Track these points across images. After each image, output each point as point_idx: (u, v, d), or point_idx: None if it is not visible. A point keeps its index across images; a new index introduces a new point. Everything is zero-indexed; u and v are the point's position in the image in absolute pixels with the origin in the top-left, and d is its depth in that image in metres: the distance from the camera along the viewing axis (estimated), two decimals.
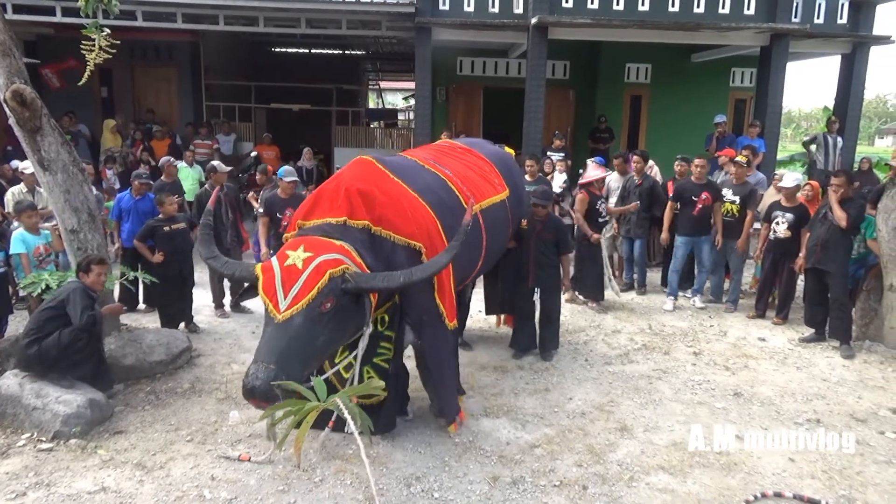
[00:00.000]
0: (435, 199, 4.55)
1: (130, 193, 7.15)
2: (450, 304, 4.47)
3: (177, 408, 4.91)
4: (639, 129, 13.88)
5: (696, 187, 7.49)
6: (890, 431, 4.72)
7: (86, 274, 4.82)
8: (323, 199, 4.24)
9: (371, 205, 4.17)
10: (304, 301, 3.56)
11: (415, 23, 10.67)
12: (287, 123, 15.78)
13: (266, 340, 3.59)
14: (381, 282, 3.82)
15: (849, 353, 6.18)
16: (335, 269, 3.67)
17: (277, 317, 3.56)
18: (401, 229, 4.21)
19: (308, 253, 3.70)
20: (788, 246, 6.84)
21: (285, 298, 3.57)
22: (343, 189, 4.18)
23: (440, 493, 3.84)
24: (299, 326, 3.57)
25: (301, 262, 3.65)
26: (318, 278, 3.60)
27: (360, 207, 4.14)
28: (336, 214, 4.10)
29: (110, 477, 3.94)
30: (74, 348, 4.59)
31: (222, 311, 7.16)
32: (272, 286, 3.62)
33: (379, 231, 4.17)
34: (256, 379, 3.36)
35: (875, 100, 52.86)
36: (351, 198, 4.15)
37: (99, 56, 4.96)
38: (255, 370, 3.41)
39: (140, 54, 13.45)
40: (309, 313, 3.58)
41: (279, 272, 3.65)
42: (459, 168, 5.21)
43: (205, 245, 4.19)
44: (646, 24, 10.48)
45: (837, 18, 11.50)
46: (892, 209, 6.11)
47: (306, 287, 3.58)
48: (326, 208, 4.17)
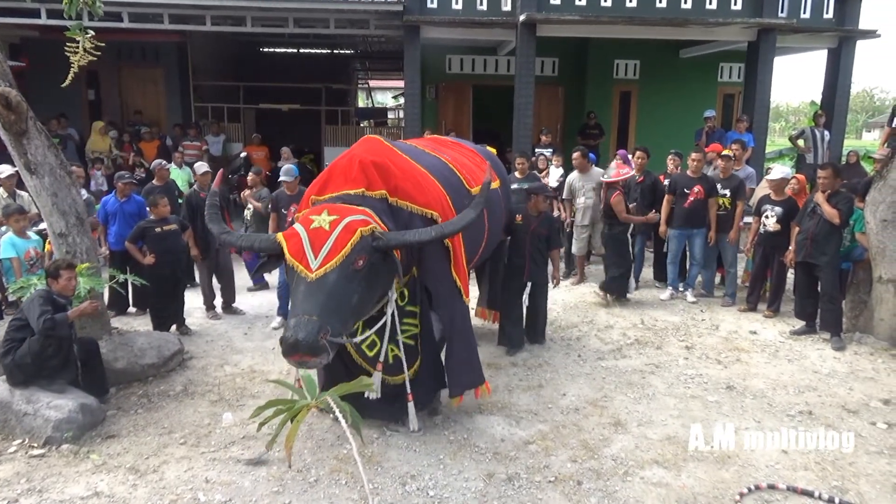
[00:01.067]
0: (441, 177, 4.69)
1: (115, 196, 7.09)
2: (464, 280, 4.57)
3: (169, 411, 4.89)
4: (628, 125, 13.92)
5: (689, 180, 7.54)
6: (881, 422, 4.76)
7: (55, 280, 4.70)
8: (337, 174, 4.26)
9: (387, 176, 4.23)
10: (338, 258, 3.60)
11: (403, 21, 10.65)
12: (276, 123, 15.71)
13: (302, 297, 3.57)
14: (412, 237, 3.90)
15: (839, 345, 6.23)
16: (365, 228, 3.73)
17: (310, 276, 3.58)
18: (416, 199, 4.29)
19: (334, 216, 3.75)
20: (778, 239, 6.88)
21: (316, 258, 3.60)
22: (357, 162, 4.22)
23: (435, 491, 3.84)
24: (334, 283, 3.60)
25: (328, 224, 3.70)
26: (349, 236, 3.66)
27: (376, 178, 4.19)
28: (353, 186, 4.14)
29: (103, 482, 3.91)
30: (46, 355, 4.50)
31: (214, 313, 7.12)
32: (300, 248, 3.66)
33: (395, 201, 4.24)
34: (300, 331, 3.33)
35: (862, 93, 53.28)
36: (366, 170, 4.19)
37: (84, 58, 4.92)
38: (296, 323, 3.38)
39: (127, 56, 13.36)
40: (343, 271, 3.62)
41: (306, 235, 3.69)
42: (455, 155, 5.38)
43: (215, 222, 4.24)
44: (634, 20, 10.51)
45: (823, 13, 11.57)
46: (879, 202, 6.16)
47: (338, 245, 3.63)
48: (341, 182, 4.19)
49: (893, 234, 6.14)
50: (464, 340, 4.64)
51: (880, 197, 6.16)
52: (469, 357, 4.66)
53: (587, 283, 8.48)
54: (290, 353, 3.38)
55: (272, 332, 6.63)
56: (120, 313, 7.02)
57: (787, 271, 7.06)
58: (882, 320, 6.33)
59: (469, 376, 4.63)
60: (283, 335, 3.39)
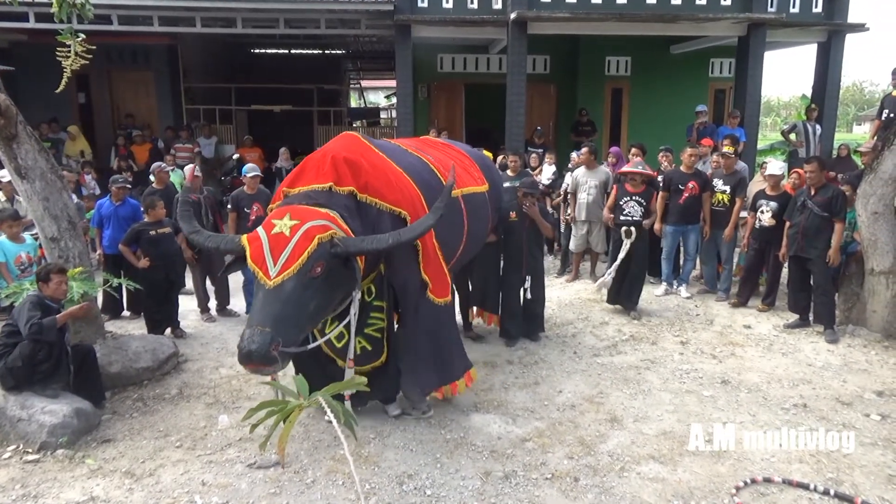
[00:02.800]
0: (418, 177, 4.67)
1: (110, 199, 7.06)
2: (437, 278, 4.55)
3: (165, 414, 4.87)
4: (620, 121, 13.94)
5: (683, 176, 7.55)
6: (875, 413, 4.79)
7: (45, 284, 4.67)
8: (308, 168, 4.28)
9: (357, 172, 4.23)
10: (295, 266, 3.62)
11: (394, 21, 10.64)
12: (269, 125, 15.68)
13: (259, 306, 3.64)
14: (369, 244, 3.90)
15: (833, 338, 6.26)
16: (323, 235, 3.73)
17: (268, 283, 3.61)
18: (386, 196, 4.30)
19: (295, 220, 3.75)
20: (773, 234, 6.90)
21: (275, 265, 3.62)
22: (329, 157, 4.23)
23: (433, 490, 3.84)
24: (291, 291, 3.63)
25: (288, 230, 3.70)
26: (306, 244, 3.66)
27: (346, 174, 4.19)
28: (322, 180, 4.15)
29: (99, 486, 3.90)
30: (37, 359, 4.48)
31: (209, 316, 7.10)
32: (260, 254, 3.68)
33: (364, 198, 4.24)
34: (252, 342, 3.40)
35: (852, 87, 53.44)
36: (337, 165, 4.20)
37: (75, 62, 4.90)
38: (250, 334, 3.45)
39: (117, 58, 13.32)
40: (300, 278, 3.64)
41: (266, 240, 3.70)
42: (441, 157, 5.34)
43: (186, 220, 4.24)
44: (624, 16, 10.54)
45: (813, 7, 11.61)
46: (870, 194, 6.19)
47: (296, 253, 3.63)
48: (312, 176, 4.21)
49: (884, 226, 6.17)
50: (432, 340, 4.62)
51: (871, 189, 6.19)
52: (436, 356, 4.64)
53: (581, 280, 8.49)
54: (243, 362, 3.47)
55: None
56: (114, 317, 6.99)
57: (782, 266, 7.08)
58: (875, 312, 6.36)
59: (430, 376, 4.63)
60: (239, 344, 3.46)
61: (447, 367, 4.73)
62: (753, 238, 7.15)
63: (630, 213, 7.08)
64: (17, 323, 4.51)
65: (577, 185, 8.18)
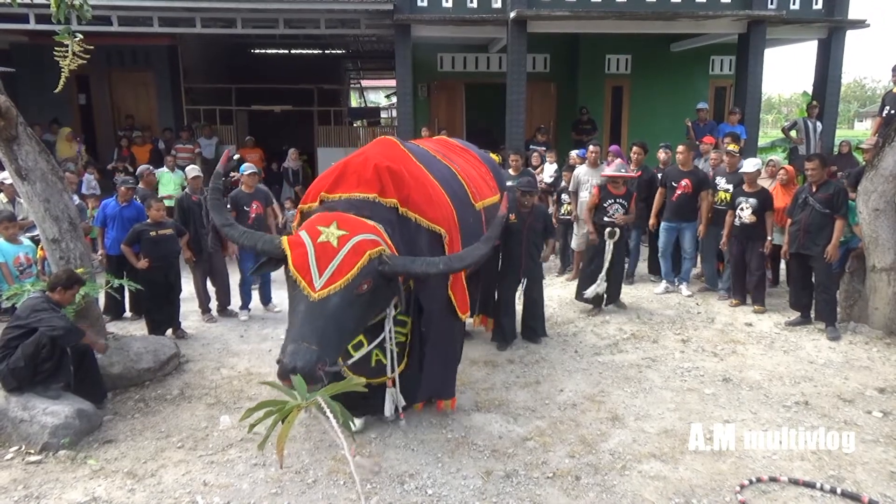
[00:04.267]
0: (451, 190, 4.59)
1: (116, 200, 7.06)
2: (461, 297, 4.50)
3: (167, 415, 4.88)
4: (621, 119, 13.93)
5: (678, 174, 7.55)
6: (877, 411, 4.78)
7: (66, 290, 4.78)
8: (349, 173, 4.10)
9: (400, 184, 4.10)
10: (343, 281, 3.45)
11: (394, 20, 10.63)
12: (269, 125, 15.68)
13: (302, 319, 3.42)
14: (420, 267, 3.73)
15: (834, 335, 6.25)
16: (373, 251, 3.57)
17: (312, 295, 3.42)
18: (426, 212, 4.17)
19: (343, 230, 3.57)
20: (754, 231, 6.91)
21: (320, 277, 3.44)
22: (373, 165, 4.07)
23: (434, 490, 3.84)
24: (336, 307, 3.44)
25: (335, 240, 3.52)
26: (356, 259, 3.50)
27: (389, 185, 4.04)
28: (366, 190, 3.99)
29: (101, 487, 3.91)
30: (40, 358, 4.48)
31: (209, 316, 7.11)
32: (305, 263, 3.48)
33: (405, 211, 4.09)
34: (297, 359, 3.22)
35: (853, 83, 53.37)
36: (381, 174, 4.04)
37: (73, 62, 4.90)
38: (295, 349, 3.27)
39: (117, 59, 13.32)
40: (346, 294, 3.47)
41: (312, 248, 3.51)
42: (464, 165, 5.29)
43: (218, 211, 4.02)
44: (624, 14, 10.52)
45: (813, 4, 11.59)
46: (871, 191, 6.18)
47: (344, 267, 3.46)
48: (354, 182, 4.04)
49: (886, 223, 6.17)
50: (443, 354, 4.54)
51: (872, 186, 6.18)
52: (443, 370, 4.59)
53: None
54: (283, 377, 3.27)
55: (268, 334, 6.62)
56: (116, 318, 7.00)
57: (765, 262, 7.09)
58: (876, 309, 6.36)
59: (436, 386, 4.58)
60: (282, 360, 3.27)
61: (450, 382, 4.69)
62: (734, 235, 7.12)
63: (613, 215, 7.03)
64: (32, 320, 4.52)
65: (579, 184, 8.17)
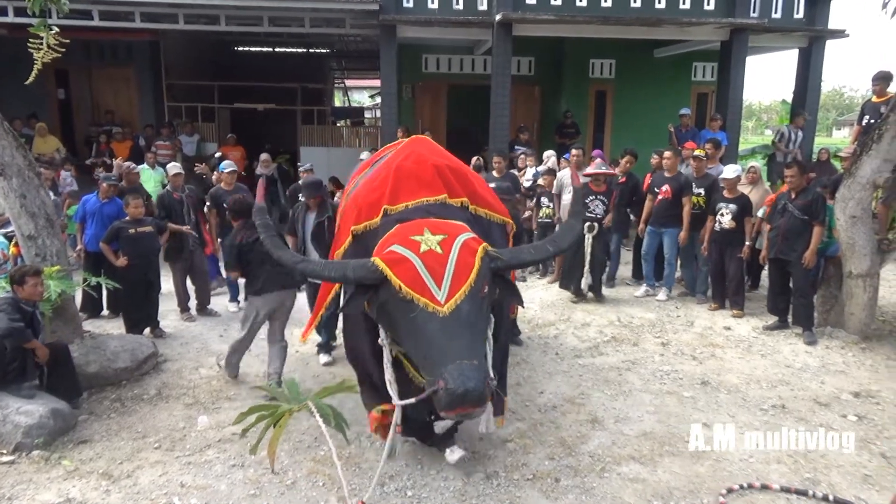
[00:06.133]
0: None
1: (97, 196, 6.96)
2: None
3: (143, 415, 4.82)
4: (604, 123, 14.01)
5: (661, 179, 7.65)
6: (851, 414, 4.85)
7: (20, 286, 4.60)
8: (407, 178, 3.75)
9: (464, 181, 3.90)
10: (466, 287, 3.07)
11: (379, 20, 10.60)
12: (252, 123, 15.57)
13: (448, 337, 2.96)
14: (528, 255, 3.50)
15: (811, 340, 6.33)
16: (481, 248, 3.26)
17: (441, 310, 3.00)
18: (492, 205, 3.99)
19: (440, 235, 3.22)
20: (733, 236, 7.00)
21: (440, 288, 3.05)
22: (431, 165, 3.80)
23: (414, 492, 3.83)
24: (469, 315, 3.05)
25: (438, 246, 3.16)
26: (471, 258, 3.16)
27: (454, 184, 3.79)
28: (432, 193, 3.67)
29: (75, 488, 3.85)
30: (6, 359, 4.42)
31: (189, 315, 7.03)
32: (417, 278, 3.06)
33: (475, 209, 3.87)
34: (468, 380, 2.76)
35: (832, 92, 54.14)
36: (443, 174, 3.78)
37: (48, 55, 4.82)
38: (460, 369, 2.79)
39: (97, 54, 13.16)
40: (473, 299, 3.09)
41: (418, 260, 3.11)
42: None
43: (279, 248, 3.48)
44: (608, 19, 10.58)
45: (794, 13, 11.75)
46: (848, 198, 6.27)
47: (461, 270, 3.10)
48: (415, 187, 3.70)
49: (862, 230, 6.26)
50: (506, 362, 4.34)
51: (849, 194, 6.27)
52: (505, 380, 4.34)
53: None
54: (455, 405, 2.78)
55: None
56: (93, 316, 6.90)
57: (744, 267, 7.20)
58: (852, 314, 6.45)
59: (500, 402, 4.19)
60: (448, 386, 2.76)
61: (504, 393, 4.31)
62: (714, 241, 7.21)
63: (594, 211, 7.43)
64: None
65: (562, 187, 8.22)
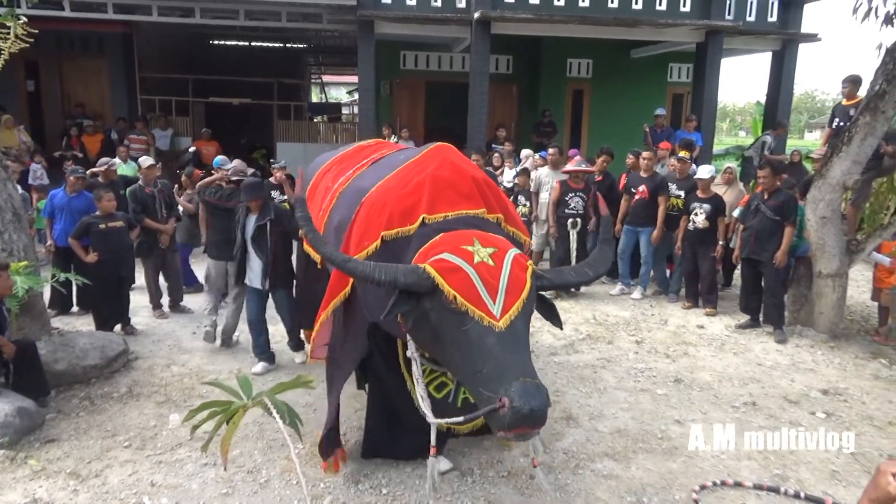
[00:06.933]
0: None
1: (64, 190, 6.82)
2: None
3: (113, 413, 4.73)
4: (581, 123, 14.10)
5: (638, 179, 7.72)
6: (820, 411, 4.94)
7: None
8: (444, 188, 3.55)
9: (498, 197, 3.75)
10: (520, 302, 2.96)
11: (357, 16, 10.55)
12: (227, 118, 15.39)
13: (507, 353, 2.85)
14: (571, 277, 3.41)
15: (782, 338, 6.44)
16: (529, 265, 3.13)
17: (497, 325, 2.87)
18: (519, 226, 3.86)
19: (490, 247, 3.08)
20: (706, 235, 7.11)
21: (495, 301, 2.92)
22: (470, 177, 3.65)
23: (388, 489, 3.82)
24: (521, 331, 2.97)
25: (490, 258, 3.02)
26: (522, 275, 3.04)
27: (490, 199, 3.66)
28: (470, 206, 3.53)
29: (42, 488, 3.76)
30: None
31: (161, 312, 6.93)
32: (473, 290, 2.91)
33: (506, 227, 3.71)
34: (532, 399, 2.64)
35: (804, 95, 55.15)
36: (480, 188, 3.63)
37: (15, 45, 4.72)
38: (524, 388, 2.66)
39: (68, 46, 12.90)
40: (524, 316, 3.00)
41: (474, 272, 2.94)
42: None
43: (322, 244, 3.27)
44: (586, 19, 10.67)
45: (768, 17, 11.96)
46: (819, 199, 6.38)
47: (515, 285, 2.98)
48: (454, 197, 3.53)
49: (832, 230, 6.38)
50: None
51: (820, 195, 6.37)
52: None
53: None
54: (518, 425, 2.67)
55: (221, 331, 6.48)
56: (62, 313, 6.77)
57: (716, 266, 7.31)
58: (822, 314, 6.57)
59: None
60: (514, 404, 2.63)
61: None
62: (687, 240, 7.30)
63: (574, 207, 7.75)
64: None
65: (540, 185, 8.25)
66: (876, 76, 5.98)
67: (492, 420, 2.75)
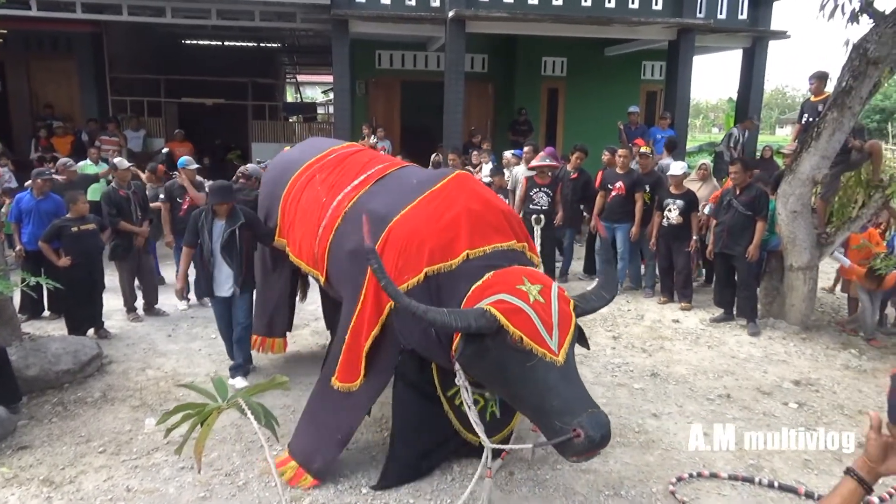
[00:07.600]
0: None
1: (31, 193, 6.69)
2: None
3: (87, 418, 4.66)
4: (556, 121, 14.19)
5: (614, 176, 7.79)
6: (792, 402, 5.03)
7: None
8: (479, 223, 3.65)
9: (519, 225, 3.90)
10: (571, 336, 3.19)
11: (331, 15, 10.50)
12: (201, 119, 15.23)
13: (571, 386, 3.11)
14: (595, 302, 3.57)
15: (755, 331, 6.54)
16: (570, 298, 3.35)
17: (557, 360, 3.07)
18: (535, 250, 3.97)
19: (538, 284, 3.26)
20: (680, 231, 7.20)
21: (552, 338, 3.10)
22: (499, 210, 3.81)
23: (368, 489, 3.81)
24: (573, 362, 3.20)
25: (540, 295, 3.20)
26: (567, 309, 3.25)
27: (516, 229, 3.81)
28: (502, 238, 3.67)
29: (14, 496, 3.70)
30: None
31: (135, 315, 6.83)
32: (535, 328, 3.08)
33: (531, 256, 3.86)
34: (603, 427, 2.94)
35: (775, 91, 55.97)
36: (510, 221, 3.80)
37: None
38: (599, 418, 2.96)
39: (36, 46, 12.67)
40: (571, 350, 3.21)
41: (532, 311, 3.12)
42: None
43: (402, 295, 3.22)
44: (560, 18, 10.73)
45: (738, 14, 12.12)
46: (789, 194, 6.49)
47: (564, 320, 3.19)
48: (488, 230, 3.65)
49: (803, 224, 6.49)
50: None
51: (790, 189, 6.49)
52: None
53: None
54: (589, 450, 2.96)
55: (197, 333, 6.42)
56: (33, 317, 6.64)
57: (691, 261, 7.40)
58: (793, 306, 6.69)
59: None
60: (589, 434, 2.89)
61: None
62: (662, 236, 7.40)
63: (539, 203, 7.74)
64: None
65: (516, 183, 8.30)
66: (843, 73, 6.09)
67: (564, 448, 2.98)
